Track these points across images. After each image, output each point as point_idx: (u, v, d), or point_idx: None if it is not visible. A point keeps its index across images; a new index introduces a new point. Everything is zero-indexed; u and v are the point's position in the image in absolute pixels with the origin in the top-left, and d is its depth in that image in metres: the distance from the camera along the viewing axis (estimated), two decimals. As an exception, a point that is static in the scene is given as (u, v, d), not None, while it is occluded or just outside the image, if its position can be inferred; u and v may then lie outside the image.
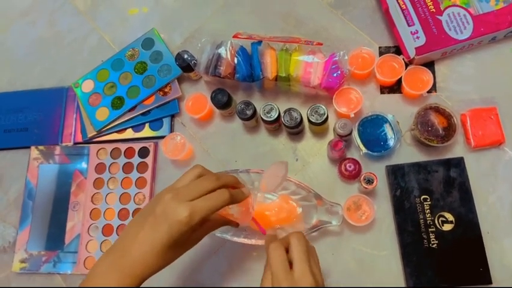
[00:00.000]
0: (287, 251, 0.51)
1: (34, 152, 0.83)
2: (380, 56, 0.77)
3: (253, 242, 0.70)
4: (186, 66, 0.76)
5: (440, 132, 0.69)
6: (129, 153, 0.80)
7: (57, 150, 0.82)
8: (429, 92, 0.72)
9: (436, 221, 0.67)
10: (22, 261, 0.78)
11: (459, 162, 0.69)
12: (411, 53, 0.72)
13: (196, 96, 0.78)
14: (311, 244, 0.54)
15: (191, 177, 0.53)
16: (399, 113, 0.72)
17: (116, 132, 0.82)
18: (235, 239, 0.70)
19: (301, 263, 0.48)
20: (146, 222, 0.49)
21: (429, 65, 0.75)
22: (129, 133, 0.82)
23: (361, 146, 0.70)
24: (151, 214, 0.49)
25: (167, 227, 0.47)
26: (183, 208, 0.47)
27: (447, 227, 0.67)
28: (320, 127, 0.72)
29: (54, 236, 0.78)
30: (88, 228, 0.78)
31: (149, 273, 0.49)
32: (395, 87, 0.76)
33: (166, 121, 0.81)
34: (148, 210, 0.51)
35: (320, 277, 0.50)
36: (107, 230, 0.77)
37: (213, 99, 0.73)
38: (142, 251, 0.48)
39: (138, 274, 0.48)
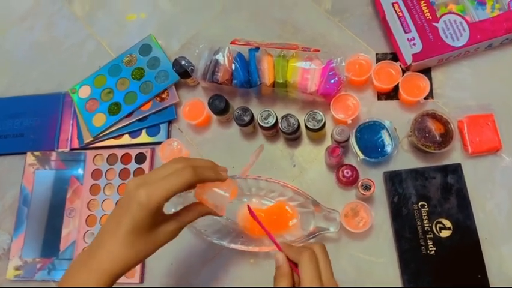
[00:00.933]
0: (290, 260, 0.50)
1: (30, 157, 0.82)
2: (377, 62, 0.77)
3: (250, 248, 0.69)
4: (184, 72, 0.76)
5: (437, 138, 0.69)
6: (126, 159, 0.80)
7: (54, 156, 0.82)
8: (426, 98, 0.73)
9: (434, 228, 0.67)
10: (17, 269, 0.77)
11: (456, 169, 0.69)
12: (408, 60, 0.72)
13: (193, 102, 0.78)
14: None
15: (162, 166, 0.49)
16: (396, 119, 0.72)
17: (113, 138, 0.82)
18: (232, 245, 0.69)
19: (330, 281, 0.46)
20: (112, 214, 0.48)
21: (426, 72, 0.75)
22: (126, 139, 0.81)
23: (358, 152, 0.70)
24: (117, 206, 0.48)
25: (129, 213, 0.45)
26: (141, 190, 0.44)
27: (445, 234, 0.67)
28: (317, 133, 0.72)
29: (50, 242, 0.78)
30: (84, 235, 0.77)
31: (120, 267, 0.46)
32: (392, 94, 0.76)
33: (163, 127, 0.81)
34: (117, 202, 0.49)
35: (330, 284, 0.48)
36: (103, 237, 0.77)
37: (210, 105, 0.73)
38: (108, 242, 0.46)
39: (106, 268, 0.46)
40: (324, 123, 0.69)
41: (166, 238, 0.49)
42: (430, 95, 0.75)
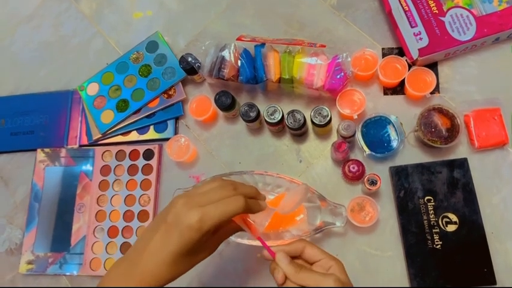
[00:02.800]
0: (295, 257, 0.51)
1: (40, 154, 0.84)
2: (383, 57, 0.77)
3: (256, 243, 0.70)
4: (190, 68, 0.77)
5: (444, 133, 0.69)
6: (134, 155, 0.81)
7: (63, 152, 0.83)
8: (432, 93, 0.73)
9: (440, 222, 0.67)
10: (29, 263, 0.78)
11: (463, 163, 0.69)
12: (414, 54, 0.72)
13: (200, 99, 0.79)
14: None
15: (209, 186, 0.50)
16: (402, 114, 0.72)
17: (121, 134, 0.83)
18: (239, 240, 0.70)
19: None
20: (158, 230, 0.47)
21: (433, 66, 0.75)
22: (134, 135, 0.82)
23: (364, 147, 0.71)
24: (163, 221, 0.47)
25: (178, 234, 0.45)
26: (194, 213, 0.45)
27: (451, 228, 0.67)
28: (323, 129, 0.72)
29: (60, 237, 0.79)
30: (94, 230, 0.78)
31: (161, 284, 0.47)
32: (398, 89, 0.76)
33: (170, 123, 0.81)
34: (161, 216, 0.48)
35: None
36: (112, 232, 0.78)
37: (216, 101, 0.74)
38: (153, 261, 0.46)
39: (149, 283, 0.46)
40: (330, 119, 0.70)
41: (207, 255, 0.51)
42: (436, 90, 0.74)
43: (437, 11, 0.73)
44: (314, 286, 0.47)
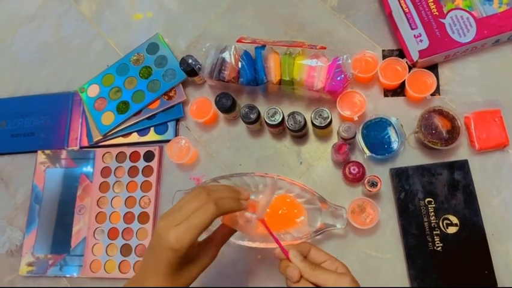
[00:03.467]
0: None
1: (41, 156, 0.84)
2: (383, 59, 0.77)
3: (257, 244, 0.70)
4: (191, 70, 0.77)
5: (444, 134, 0.69)
6: (134, 157, 0.81)
7: (64, 154, 0.83)
8: (432, 94, 0.73)
9: (441, 224, 0.67)
10: (29, 265, 0.78)
11: (463, 165, 0.69)
12: (415, 56, 0.72)
13: (200, 100, 0.79)
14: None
15: (184, 200, 0.51)
16: (403, 116, 0.72)
17: (121, 136, 0.83)
18: (239, 241, 0.70)
19: None
20: (149, 254, 0.50)
21: (433, 68, 0.75)
22: (134, 137, 0.82)
23: (365, 149, 0.71)
24: (151, 245, 0.50)
25: (164, 255, 0.47)
26: (171, 234, 0.46)
27: (451, 230, 0.67)
28: (323, 130, 0.72)
29: (61, 239, 0.79)
30: (94, 232, 0.78)
31: None
32: (398, 90, 0.76)
33: (171, 125, 0.81)
34: (151, 240, 0.51)
35: None
36: (112, 234, 0.78)
37: (217, 103, 0.74)
38: (153, 282, 0.48)
39: None
40: (331, 121, 0.70)
41: (207, 263, 0.52)
42: (437, 92, 0.74)
43: (437, 13, 0.73)
44: (331, 285, 0.47)
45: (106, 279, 0.77)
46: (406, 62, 0.73)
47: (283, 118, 0.71)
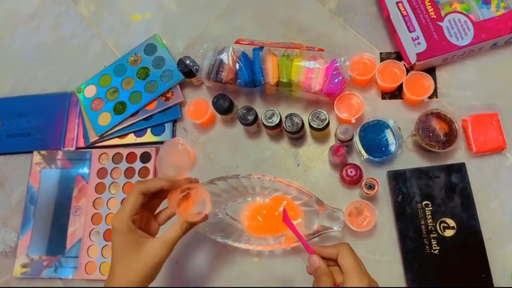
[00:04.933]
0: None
1: (36, 156, 0.83)
2: (381, 61, 0.77)
3: (254, 247, 0.70)
4: (188, 71, 0.77)
5: (442, 137, 0.69)
6: (131, 158, 0.81)
7: (60, 155, 0.83)
8: (430, 97, 0.73)
9: (438, 227, 0.67)
10: (23, 266, 0.78)
11: (460, 168, 0.69)
12: (412, 59, 0.72)
13: (197, 102, 0.79)
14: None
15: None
16: (400, 118, 0.72)
17: (118, 137, 0.82)
18: (236, 244, 0.70)
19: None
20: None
21: (431, 71, 0.75)
22: (131, 138, 0.82)
23: (362, 151, 0.71)
24: None
25: (113, 239, 0.54)
26: (113, 219, 0.54)
27: (449, 233, 0.67)
28: (321, 132, 0.72)
29: (56, 240, 0.78)
30: (89, 233, 0.78)
31: (123, 285, 0.53)
32: (396, 93, 0.76)
33: (168, 126, 0.81)
34: None
35: (372, 278, 0.51)
36: (108, 235, 0.77)
37: (214, 104, 0.74)
38: (109, 275, 0.54)
39: (122, 281, 0.53)
40: (328, 123, 0.70)
41: (153, 255, 0.54)
42: (434, 94, 0.74)
43: (435, 16, 0.73)
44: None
45: (101, 281, 0.76)
46: (404, 65, 0.73)
47: (280, 120, 0.71)
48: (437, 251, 0.66)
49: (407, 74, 0.73)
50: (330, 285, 0.49)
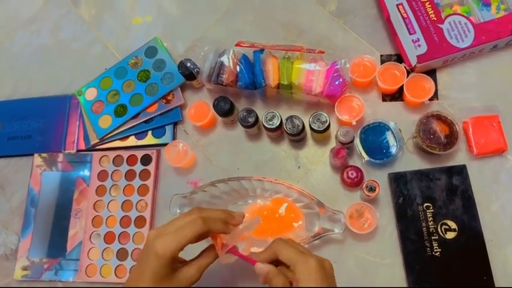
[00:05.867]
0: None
1: (37, 159, 0.83)
2: (381, 64, 0.77)
3: (254, 249, 0.69)
4: (189, 74, 0.77)
5: (442, 139, 0.69)
6: (132, 160, 0.81)
7: (60, 157, 0.83)
8: (431, 99, 0.73)
9: (439, 229, 0.67)
10: (24, 269, 0.78)
11: (461, 170, 0.69)
12: (413, 61, 0.72)
13: (198, 104, 0.79)
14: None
15: (179, 216, 0.54)
16: (401, 120, 0.72)
17: (119, 139, 0.82)
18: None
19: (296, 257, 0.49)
20: (138, 261, 0.53)
21: (431, 73, 0.75)
22: (132, 140, 0.82)
23: (363, 153, 0.70)
24: (141, 253, 0.53)
25: (148, 264, 0.49)
26: (157, 242, 0.49)
27: (450, 235, 0.67)
28: (321, 135, 0.72)
29: (56, 243, 0.78)
30: (90, 236, 0.78)
31: None
32: (396, 95, 0.76)
33: (168, 129, 0.81)
34: (142, 249, 0.54)
35: (318, 256, 0.50)
36: (109, 238, 0.77)
37: (215, 106, 0.74)
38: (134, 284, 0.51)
39: None
40: (329, 125, 0.70)
41: (186, 282, 0.52)
42: (435, 96, 0.74)
43: (435, 18, 0.73)
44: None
45: (102, 284, 0.76)
46: (404, 67, 0.73)
47: (281, 122, 0.71)
48: (438, 253, 0.66)
49: (407, 76, 0.73)
50: (283, 284, 0.49)
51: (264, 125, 0.71)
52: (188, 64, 0.76)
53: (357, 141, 0.71)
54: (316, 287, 0.47)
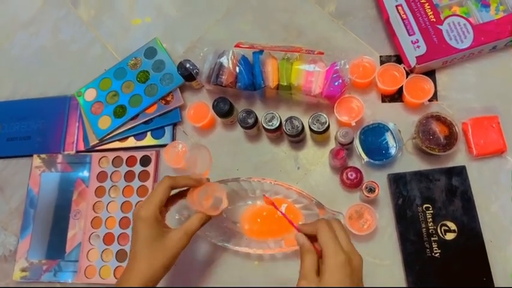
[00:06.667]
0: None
1: (36, 160, 0.83)
2: (381, 65, 0.77)
3: (254, 251, 0.69)
4: (188, 75, 0.77)
5: (442, 140, 0.69)
6: (131, 161, 0.81)
7: (60, 158, 0.83)
8: (430, 100, 0.73)
9: (439, 230, 0.67)
10: (23, 270, 0.77)
11: (461, 171, 0.69)
12: (412, 62, 0.72)
13: (198, 105, 0.79)
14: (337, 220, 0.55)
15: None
16: (400, 121, 0.72)
17: (118, 140, 0.82)
18: (237, 248, 0.69)
19: (328, 244, 0.49)
20: (132, 233, 0.59)
21: (430, 74, 0.75)
22: (131, 141, 0.82)
23: (363, 154, 0.70)
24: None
25: (137, 228, 0.57)
26: (139, 210, 0.57)
27: (449, 236, 0.67)
28: (321, 135, 0.72)
29: (55, 244, 0.78)
30: (89, 237, 0.78)
31: (144, 282, 0.55)
32: (396, 96, 0.76)
33: (168, 130, 0.81)
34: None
35: (352, 251, 0.51)
36: (108, 239, 0.77)
37: (214, 107, 0.74)
38: (129, 264, 0.57)
39: (139, 278, 0.55)
40: (328, 126, 0.70)
41: (175, 245, 0.57)
42: (434, 97, 0.74)
43: (434, 20, 0.73)
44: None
45: (101, 285, 0.76)
46: (404, 68, 0.73)
47: (280, 123, 0.71)
48: (438, 254, 0.66)
49: (407, 77, 0.73)
50: (310, 264, 0.50)
51: (263, 126, 0.71)
52: (188, 65, 0.76)
53: (356, 142, 0.71)
54: (335, 285, 0.47)
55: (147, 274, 0.55)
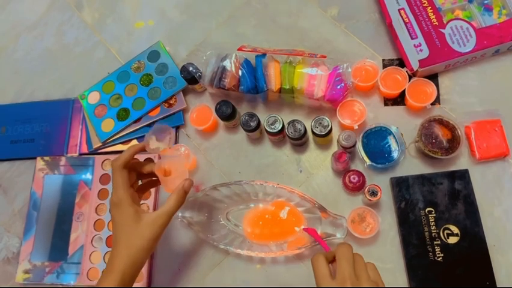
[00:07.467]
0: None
1: (40, 162, 0.84)
2: (383, 68, 0.77)
3: (256, 254, 0.69)
4: (191, 78, 0.77)
5: (445, 144, 0.68)
6: (134, 164, 0.81)
7: (63, 161, 0.83)
8: (433, 104, 0.73)
9: (441, 234, 0.67)
10: (26, 272, 0.78)
11: (464, 175, 0.69)
12: (415, 66, 0.72)
13: (200, 108, 0.79)
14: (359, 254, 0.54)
15: None
16: (403, 125, 0.72)
17: (121, 143, 0.83)
18: (239, 251, 0.69)
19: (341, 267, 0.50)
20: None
21: (433, 78, 0.75)
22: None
23: (365, 157, 0.70)
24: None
25: (114, 176, 0.60)
26: (111, 198, 0.59)
27: (452, 240, 0.66)
28: (323, 139, 0.72)
29: (58, 246, 0.78)
30: (92, 239, 0.78)
31: (131, 260, 0.56)
32: (398, 100, 0.76)
33: (170, 132, 0.81)
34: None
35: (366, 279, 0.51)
36: (110, 241, 0.77)
37: (217, 111, 0.74)
38: (115, 240, 0.58)
39: (126, 254, 0.57)
40: (331, 129, 0.70)
41: (151, 227, 0.58)
42: (437, 101, 0.74)
43: (437, 23, 0.73)
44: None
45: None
46: (406, 71, 0.73)
47: (283, 126, 0.71)
48: (440, 258, 0.66)
49: (409, 80, 0.73)
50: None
51: (266, 129, 0.71)
52: (191, 68, 0.77)
53: (359, 146, 0.71)
54: None
55: (127, 259, 0.56)
